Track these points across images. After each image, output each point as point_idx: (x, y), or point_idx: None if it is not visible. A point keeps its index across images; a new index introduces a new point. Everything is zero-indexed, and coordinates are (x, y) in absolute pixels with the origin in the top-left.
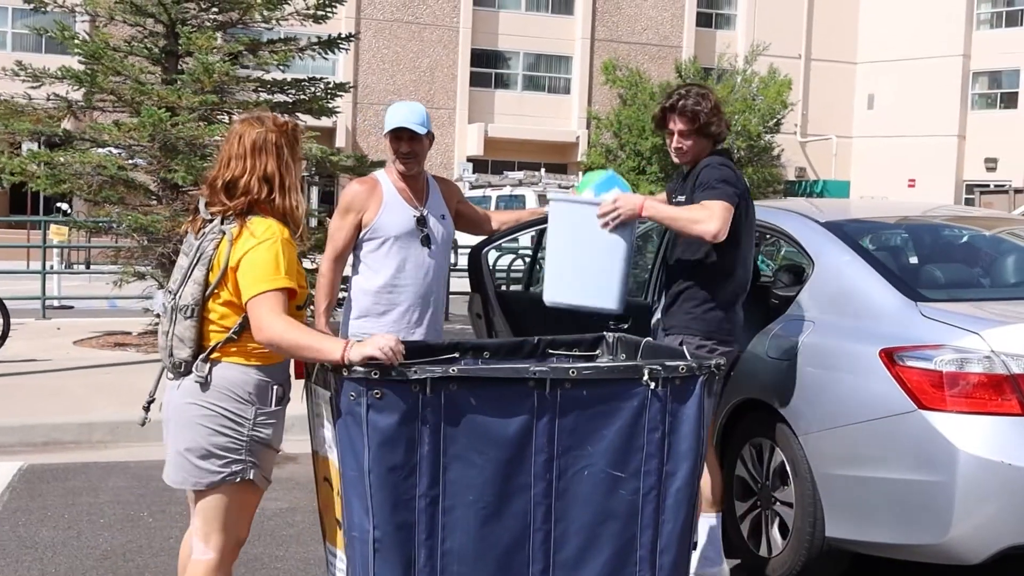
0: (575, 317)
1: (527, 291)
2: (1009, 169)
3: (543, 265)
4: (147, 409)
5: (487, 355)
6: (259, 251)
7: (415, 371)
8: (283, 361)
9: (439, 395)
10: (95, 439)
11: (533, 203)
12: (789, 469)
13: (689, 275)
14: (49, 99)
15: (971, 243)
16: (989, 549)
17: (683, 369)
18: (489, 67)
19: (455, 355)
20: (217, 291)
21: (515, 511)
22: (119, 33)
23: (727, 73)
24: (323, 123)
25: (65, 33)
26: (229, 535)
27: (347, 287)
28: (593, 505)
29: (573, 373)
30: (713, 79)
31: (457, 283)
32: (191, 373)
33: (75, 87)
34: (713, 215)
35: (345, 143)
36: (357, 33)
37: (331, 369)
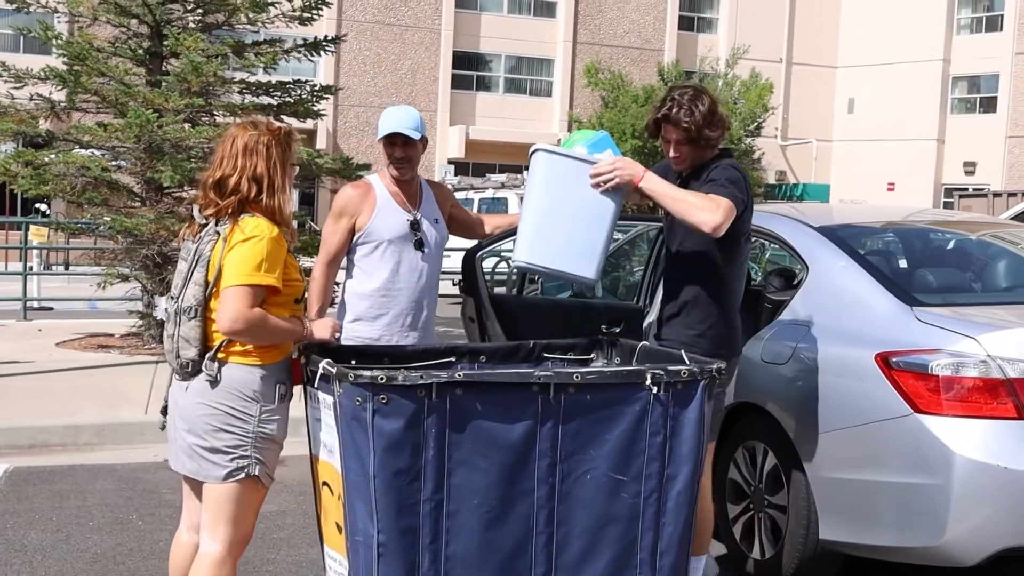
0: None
1: (520, 295)
2: (987, 173)
3: None
4: (164, 412)
5: (484, 359)
6: (244, 247)
7: (421, 376)
8: (284, 359)
9: (444, 400)
10: (81, 441)
11: (516, 205)
12: (782, 472)
13: (689, 291)
14: (32, 99)
15: (964, 248)
16: (985, 551)
17: (685, 374)
18: (471, 69)
19: (452, 359)
20: (216, 290)
21: (518, 515)
22: (102, 34)
23: (709, 76)
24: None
25: (49, 33)
26: (235, 529)
27: (335, 291)
28: (595, 508)
29: (577, 378)
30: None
31: (448, 285)
32: (199, 373)
33: (59, 88)
34: (719, 208)
35: (326, 145)
36: (343, 35)
37: (336, 375)
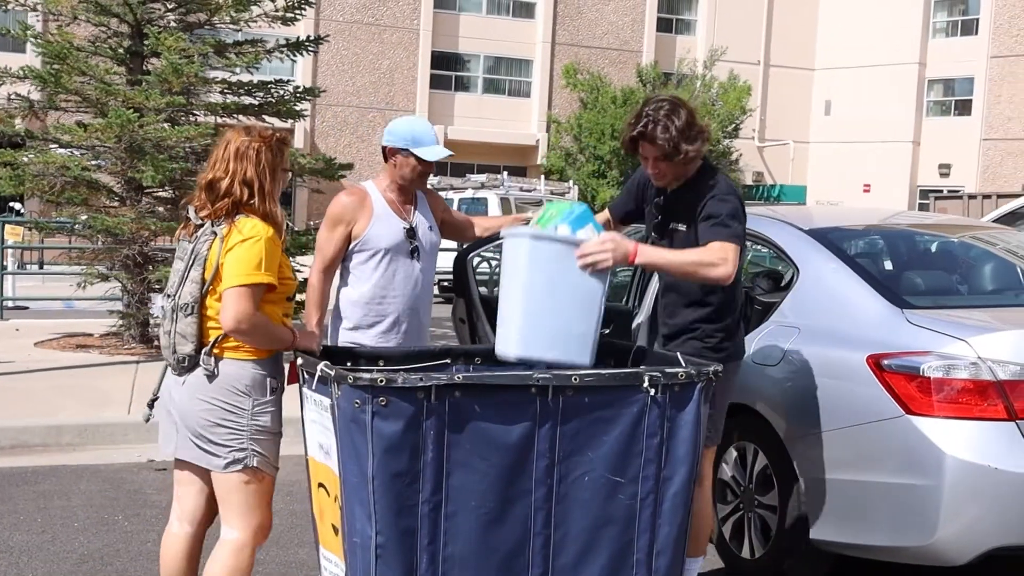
0: None
1: None
2: (962, 175)
3: None
4: (151, 406)
5: (479, 361)
6: (243, 247)
7: (420, 378)
8: (274, 354)
9: (443, 402)
10: (63, 442)
11: (495, 205)
12: (773, 472)
13: (694, 310)
14: (10, 99)
15: (952, 250)
16: (975, 551)
17: (682, 376)
18: (449, 70)
19: (447, 361)
20: (212, 288)
21: (516, 516)
22: (81, 33)
23: (687, 78)
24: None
25: (28, 32)
26: (249, 518)
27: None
28: (592, 510)
29: (575, 380)
30: (673, 84)
31: None
32: (195, 368)
33: (39, 87)
34: (727, 258)
35: (304, 144)
36: (326, 36)
37: (335, 377)
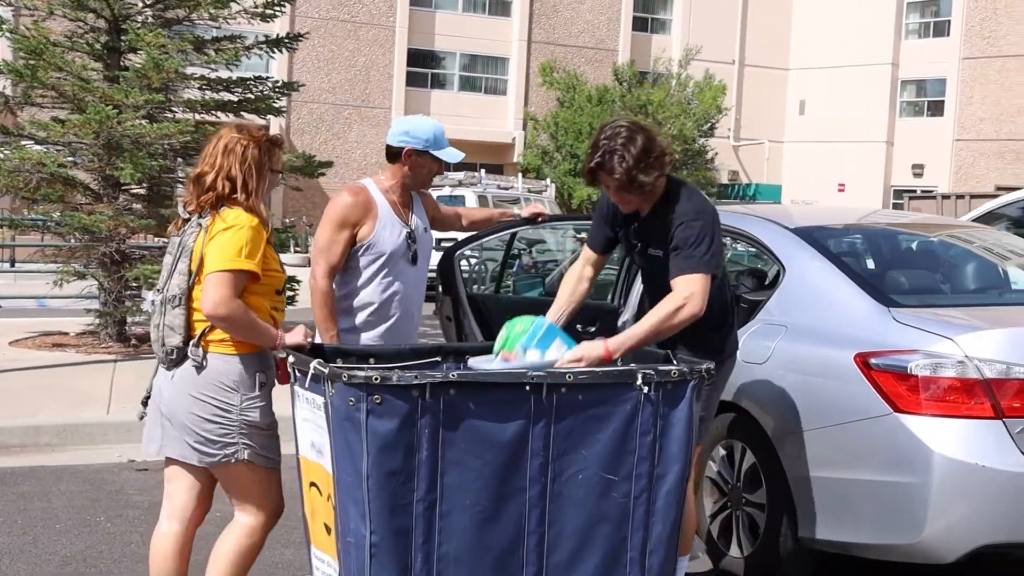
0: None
1: (496, 294)
2: (935, 175)
3: (512, 266)
4: (145, 404)
5: (469, 359)
6: (226, 235)
7: (415, 376)
8: (262, 349)
9: (438, 400)
10: (42, 442)
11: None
12: (761, 470)
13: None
14: None
15: (937, 249)
16: (963, 548)
17: (675, 374)
18: (425, 67)
19: (437, 359)
20: (198, 279)
21: (510, 515)
22: (57, 28)
23: (663, 77)
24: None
25: (4, 27)
26: (258, 505)
27: None
28: (586, 508)
29: (569, 377)
30: (649, 83)
31: None
32: (184, 360)
33: (15, 83)
34: (694, 293)
35: None
36: (305, 33)
37: (329, 375)
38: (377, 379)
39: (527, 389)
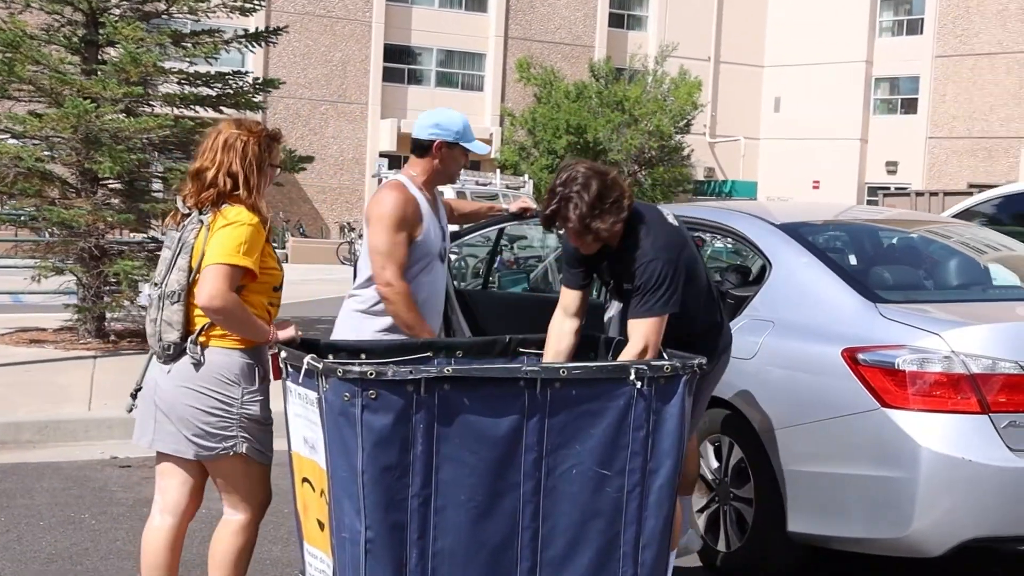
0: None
1: (484, 290)
2: (908, 172)
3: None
4: (134, 396)
5: (460, 354)
6: (226, 231)
7: (410, 371)
8: (260, 345)
9: (433, 395)
10: (23, 439)
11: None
12: (748, 465)
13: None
14: None
15: (922, 245)
16: (950, 542)
17: (668, 369)
18: (402, 63)
19: (428, 354)
20: (198, 276)
21: (504, 510)
22: (34, 21)
23: (639, 74)
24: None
25: None
26: (249, 500)
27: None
28: (580, 503)
29: (563, 372)
30: (625, 79)
31: None
32: (181, 356)
33: None
34: (648, 340)
35: None
36: (285, 27)
37: (323, 370)
38: (372, 374)
39: (521, 384)
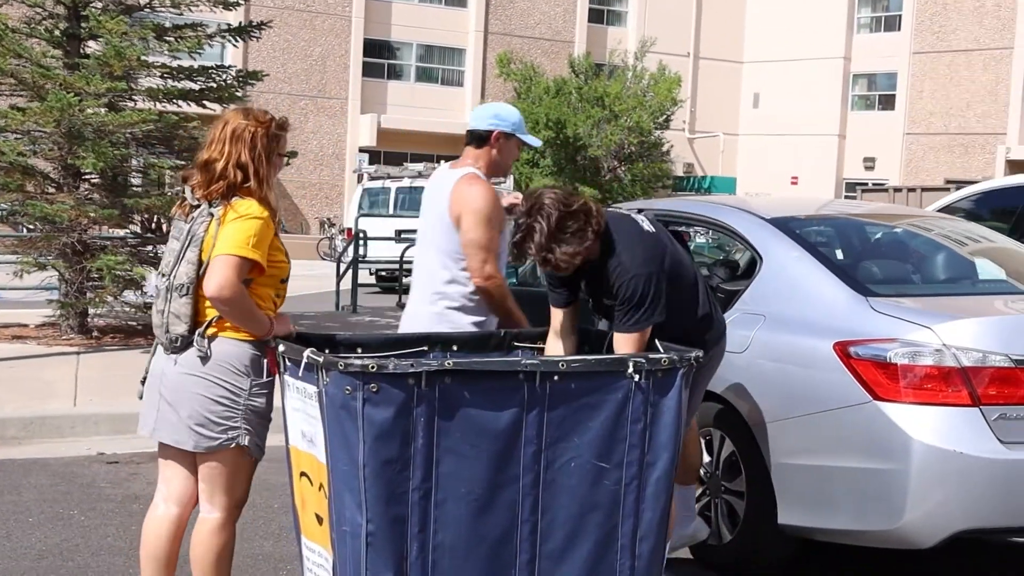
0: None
1: None
2: (885, 168)
3: None
4: (143, 382)
5: (456, 348)
6: (237, 223)
7: (411, 364)
8: (265, 338)
9: (434, 388)
10: (8, 435)
11: None
12: (740, 459)
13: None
14: None
15: (912, 239)
16: (941, 534)
17: (665, 362)
18: (382, 58)
19: (424, 348)
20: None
21: (504, 503)
22: (14, 14)
23: (619, 69)
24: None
25: None
26: (231, 496)
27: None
28: (578, 496)
29: (562, 366)
30: (605, 75)
31: (364, 275)
32: (188, 347)
33: None
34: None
35: None
36: (269, 21)
37: (324, 363)
38: (373, 367)
39: (520, 377)
